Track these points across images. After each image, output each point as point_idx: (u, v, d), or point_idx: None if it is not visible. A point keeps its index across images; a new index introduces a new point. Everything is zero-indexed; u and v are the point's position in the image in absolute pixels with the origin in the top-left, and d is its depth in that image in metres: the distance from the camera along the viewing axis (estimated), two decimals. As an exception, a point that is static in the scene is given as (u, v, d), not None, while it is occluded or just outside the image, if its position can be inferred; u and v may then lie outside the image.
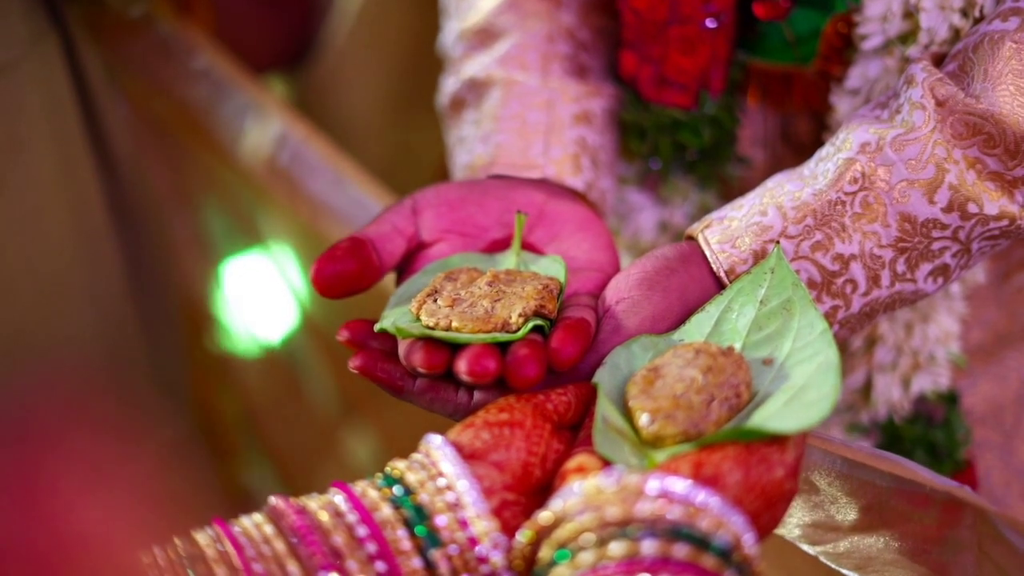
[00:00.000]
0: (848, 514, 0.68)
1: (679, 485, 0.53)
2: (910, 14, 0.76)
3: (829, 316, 0.71)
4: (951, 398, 0.90)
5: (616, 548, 0.51)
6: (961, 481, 0.91)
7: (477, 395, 0.67)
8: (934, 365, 0.88)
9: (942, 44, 0.76)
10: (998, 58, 0.69)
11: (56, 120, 0.96)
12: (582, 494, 0.53)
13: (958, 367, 0.89)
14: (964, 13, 0.75)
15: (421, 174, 1.48)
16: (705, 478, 0.54)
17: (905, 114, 0.70)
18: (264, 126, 1.13)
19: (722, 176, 0.89)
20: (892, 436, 0.90)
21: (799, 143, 0.88)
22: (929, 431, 0.90)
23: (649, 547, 0.51)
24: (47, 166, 0.95)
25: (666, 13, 0.81)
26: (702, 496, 0.53)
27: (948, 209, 0.69)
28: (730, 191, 0.89)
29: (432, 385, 0.67)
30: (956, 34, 0.75)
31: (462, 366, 0.63)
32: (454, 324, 0.66)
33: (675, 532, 0.52)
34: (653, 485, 0.53)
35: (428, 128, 1.30)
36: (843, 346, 0.88)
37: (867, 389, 0.89)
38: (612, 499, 0.53)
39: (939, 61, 0.75)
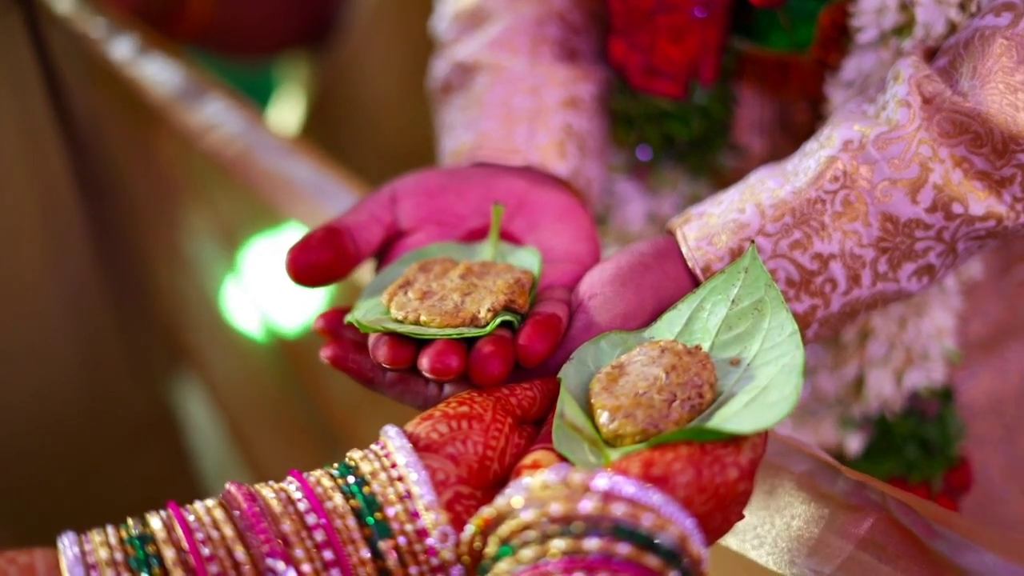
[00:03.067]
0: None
1: (624, 483, 0.53)
2: (906, 7, 0.75)
3: (808, 315, 0.70)
4: (946, 394, 0.89)
5: (558, 545, 0.51)
6: (955, 478, 0.90)
7: (447, 388, 0.67)
8: (927, 360, 0.87)
9: (938, 39, 0.74)
10: (988, 55, 0.68)
11: (20, 93, 0.98)
12: (527, 490, 0.53)
13: (952, 362, 0.88)
14: (962, 7, 0.73)
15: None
16: (654, 477, 0.54)
17: (890, 111, 0.69)
18: (208, 107, 1.13)
19: (715, 166, 0.88)
20: (884, 431, 0.89)
21: (797, 131, 0.87)
22: (922, 426, 0.89)
23: (591, 545, 0.51)
24: (11, 137, 0.97)
25: (653, 2, 0.80)
26: (647, 495, 0.53)
27: (931, 209, 0.68)
28: (723, 181, 0.88)
29: (402, 378, 0.68)
30: (953, 28, 0.74)
31: (424, 362, 0.63)
32: (423, 318, 0.66)
33: (618, 530, 0.52)
34: (598, 483, 0.53)
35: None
36: (835, 339, 0.87)
37: (859, 383, 0.88)
38: (556, 496, 0.53)
39: (932, 55, 0.73)
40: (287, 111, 1.72)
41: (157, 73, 1.13)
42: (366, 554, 0.55)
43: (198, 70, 1.17)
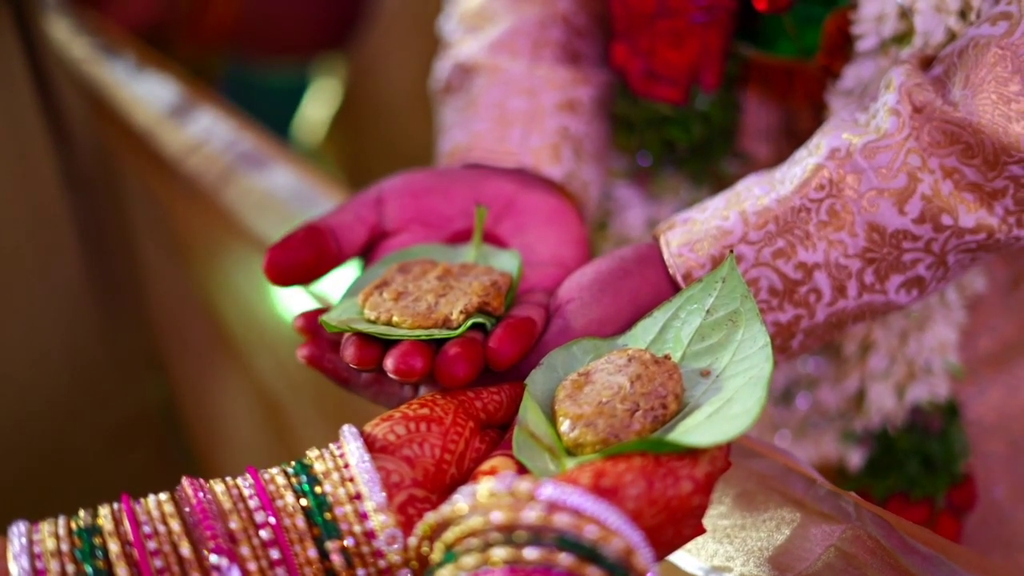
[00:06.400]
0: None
1: (570, 493, 0.52)
2: (905, 15, 0.73)
3: (792, 325, 0.69)
4: (950, 409, 0.87)
5: (499, 553, 0.51)
6: (958, 495, 0.88)
7: (422, 389, 0.67)
8: (930, 375, 0.84)
9: (937, 47, 0.72)
10: (982, 64, 0.66)
11: (9, 94, 0.99)
12: (473, 496, 0.53)
13: (956, 377, 0.85)
14: (961, 16, 0.71)
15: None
16: (603, 488, 0.54)
17: (879, 120, 0.68)
18: (198, 122, 1.13)
19: (718, 173, 0.87)
20: (885, 446, 0.87)
21: (803, 138, 0.84)
22: (924, 442, 0.87)
23: (532, 555, 0.50)
24: None
25: (654, 6, 0.79)
26: (593, 506, 0.52)
27: (920, 220, 0.66)
28: (726, 188, 0.87)
29: (377, 378, 0.68)
30: (952, 37, 0.72)
31: (389, 363, 0.63)
32: (395, 318, 0.66)
33: (561, 541, 0.51)
34: (543, 492, 0.52)
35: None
36: (836, 352, 0.86)
37: (860, 397, 0.86)
38: (501, 504, 0.52)
39: (930, 64, 0.71)
40: (319, 111, 1.73)
41: (149, 92, 1.14)
42: (313, 554, 0.55)
43: (191, 83, 1.18)
